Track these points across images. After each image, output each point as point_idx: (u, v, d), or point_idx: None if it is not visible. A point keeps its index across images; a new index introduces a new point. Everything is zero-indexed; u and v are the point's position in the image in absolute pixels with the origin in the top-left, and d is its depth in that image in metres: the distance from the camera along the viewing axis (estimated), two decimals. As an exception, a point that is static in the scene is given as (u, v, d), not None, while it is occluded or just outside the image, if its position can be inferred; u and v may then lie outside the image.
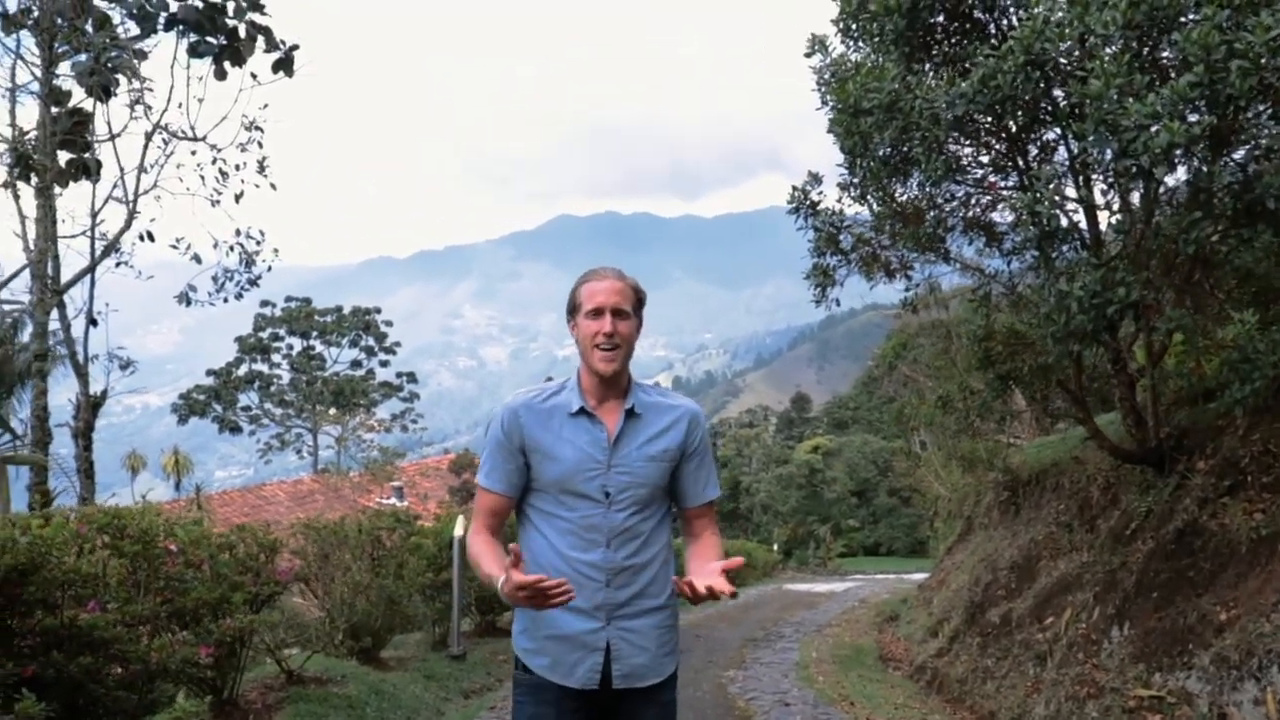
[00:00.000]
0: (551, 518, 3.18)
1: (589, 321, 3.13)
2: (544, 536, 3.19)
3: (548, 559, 3.14)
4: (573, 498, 3.14)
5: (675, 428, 3.24)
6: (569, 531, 3.15)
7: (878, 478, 58.79)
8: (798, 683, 10.20)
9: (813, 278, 8.75)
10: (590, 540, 3.13)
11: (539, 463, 3.17)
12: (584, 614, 3.10)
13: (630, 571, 3.15)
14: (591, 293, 3.15)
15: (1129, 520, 8.02)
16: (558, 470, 3.14)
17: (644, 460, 3.17)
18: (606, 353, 3.11)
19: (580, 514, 3.14)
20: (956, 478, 18.15)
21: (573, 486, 3.13)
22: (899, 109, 6.62)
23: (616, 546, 3.13)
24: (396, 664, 9.73)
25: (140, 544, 4.93)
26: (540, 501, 3.22)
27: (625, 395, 3.21)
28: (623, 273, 3.22)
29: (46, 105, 9.78)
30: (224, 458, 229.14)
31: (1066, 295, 5.75)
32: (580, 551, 3.12)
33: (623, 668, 3.12)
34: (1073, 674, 7.31)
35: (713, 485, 3.37)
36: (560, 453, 3.14)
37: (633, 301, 3.18)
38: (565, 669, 3.12)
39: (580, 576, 3.09)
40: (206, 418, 48.84)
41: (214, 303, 11.31)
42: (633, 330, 3.17)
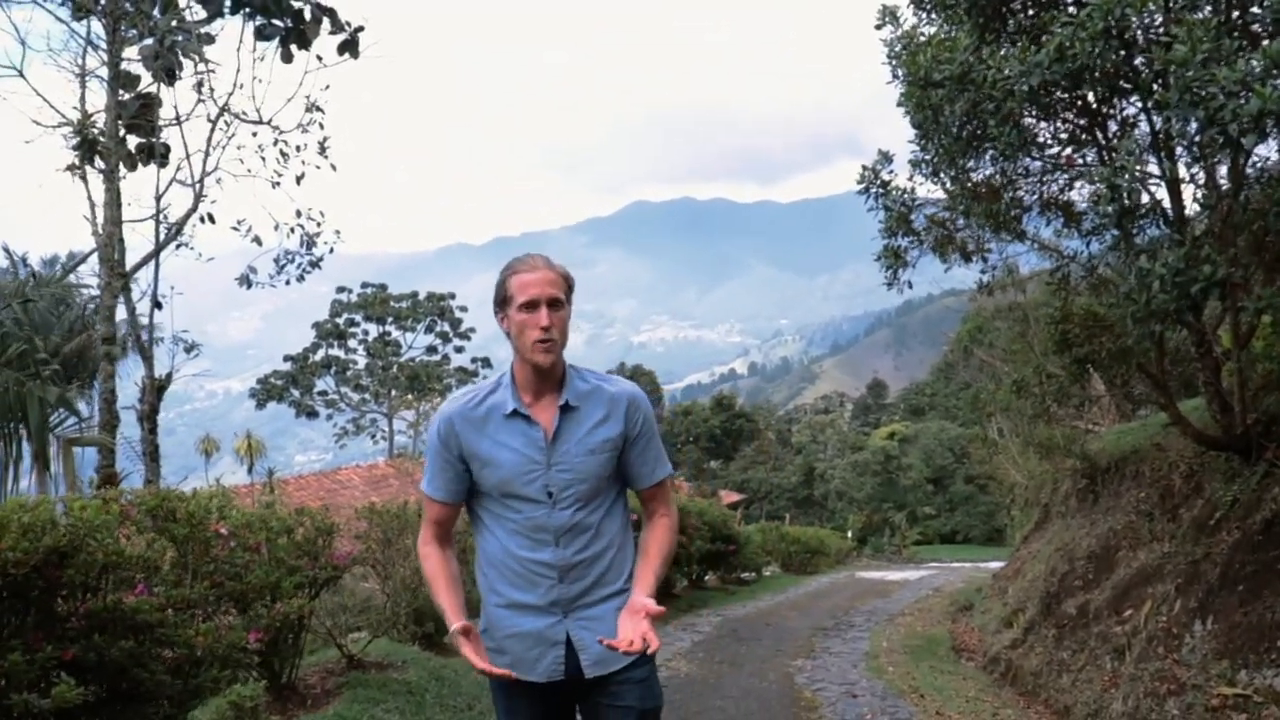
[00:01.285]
0: (500, 518, 3.18)
1: (523, 314, 3.08)
2: (495, 536, 3.19)
3: (499, 557, 3.17)
4: (516, 500, 3.13)
5: (614, 416, 3.20)
6: (517, 532, 3.14)
7: (954, 465, 58.11)
8: (867, 673, 9.99)
9: (884, 259, 8.51)
10: (538, 540, 3.12)
11: (479, 469, 3.15)
12: (539, 610, 3.12)
13: (583, 565, 3.15)
14: (523, 284, 3.09)
15: (1213, 510, 7.70)
16: (497, 475, 3.12)
17: (584, 454, 3.14)
18: (544, 345, 3.06)
19: (525, 515, 3.12)
20: (1033, 465, 17.75)
21: (514, 490, 3.12)
22: (971, 80, 6.36)
23: (565, 544, 3.12)
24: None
25: (189, 527, 4.88)
26: (487, 503, 3.21)
27: (560, 388, 3.17)
28: (550, 260, 3.19)
29: (114, 89, 9.85)
30: (304, 442, 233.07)
31: (1148, 273, 5.47)
32: (530, 551, 3.12)
33: (590, 656, 3.13)
34: (1152, 669, 7.03)
35: (662, 465, 3.35)
36: (498, 458, 3.11)
37: (564, 289, 3.14)
38: (527, 665, 3.14)
39: (532, 574, 3.12)
40: (284, 403, 49.56)
41: (275, 284, 11.33)
42: (567, 319, 3.15)
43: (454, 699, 7.72)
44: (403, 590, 9.05)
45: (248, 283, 11.19)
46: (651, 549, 3.28)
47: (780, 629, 13.46)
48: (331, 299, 51.36)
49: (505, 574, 3.14)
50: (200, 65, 10.04)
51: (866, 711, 8.16)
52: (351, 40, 10.51)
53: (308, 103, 10.59)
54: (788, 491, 62.21)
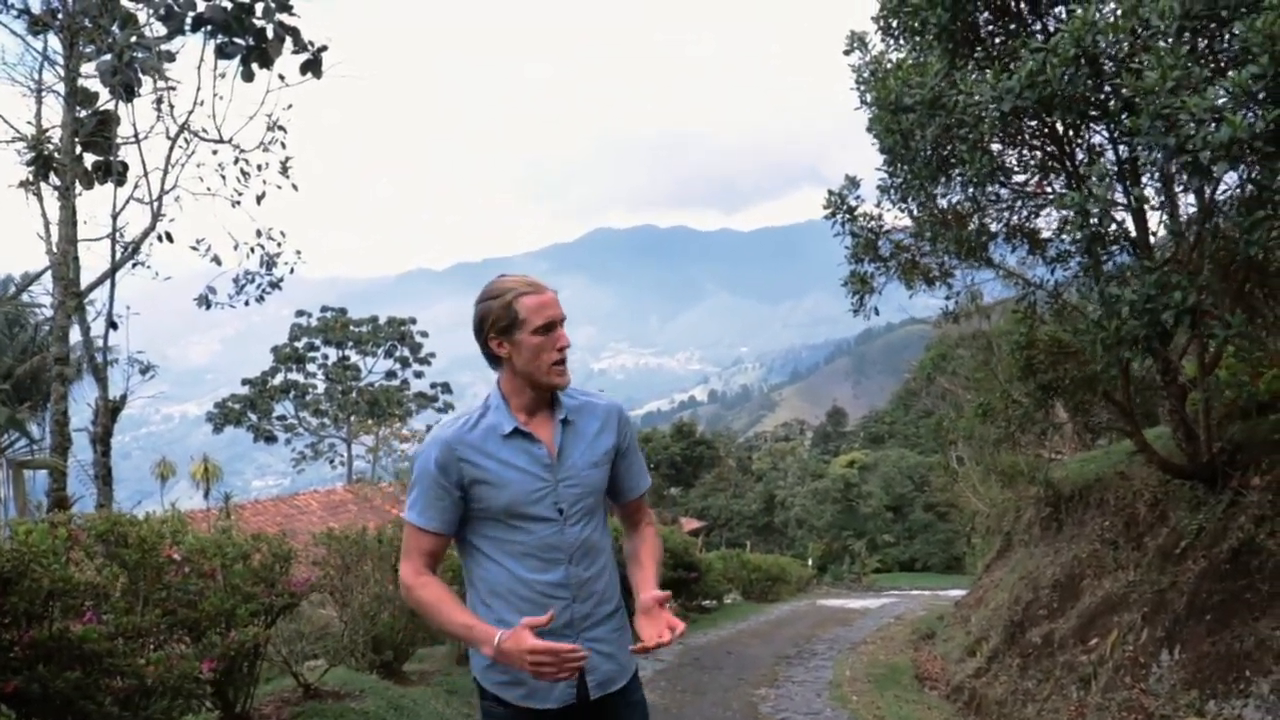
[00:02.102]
0: (504, 543, 3.06)
1: (539, 337, 3.03)
2: (497, 563, 3.07)
3: (506, 585, 3.05)
4: (525, 520, 3.03)
5: (608, 427, 3.19)
6: (526, 554, 3.04)
7: (914, 493, 58.29)
8: (831, 702, 9.89)
9: (850, 285, 8.48)
10: (550, 560, 3.04)
11: (483, 493, 3.03)
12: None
13: (590, 582, 3.10)
14: (539, 306, 3.04)
15: (1178, 538, 7.68)
16: (505, 497, 3.02)
17: (589, 467, 3.12)
18: (561, 367, 3.06)
19: (536, 535, 3.03)
20: (995, 493, 17.78)
21: (523, 510, 3.03)
22: (942, 105, 6.34)
23: (577, 561, 3.07)
24: (419, 678, 9.50)
25: (141, 552, 4.71)
26: (488, 529, 3.08)
27: (553, 405, 3.14)
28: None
29: (70, 105, 9.67)
30: (261, 467, 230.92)
31: (1118, 300, 5.46)
32: (541, 573, 3.03)
33: (596, 677, 3.08)
34: (1119, 699, 6.99)
35: (645, 476, 3.37)
36: (504, 478, 3.02)
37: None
38: (542, 693, 3.03)
39: (544, 598, 3.02)
40: (242, 427, 49.00)
41: (234, 305, 11.13)
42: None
43: (413, 730, 7.56)
44: (361, 618, 8.86)
45: (206, 303, 10.98)
46: (645, 556, 3.26)
47: (742, 657, 13.35)
48: (291, 323, 50.95)
49: (513, 602, 3.02)
50: (160, 82, 9.89)
51: (832, 742, 8.08)
52: (314, 60, 10.39)
53: (269, 121, 10.44)
54: (748, 519, 62.16)
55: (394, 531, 9.43)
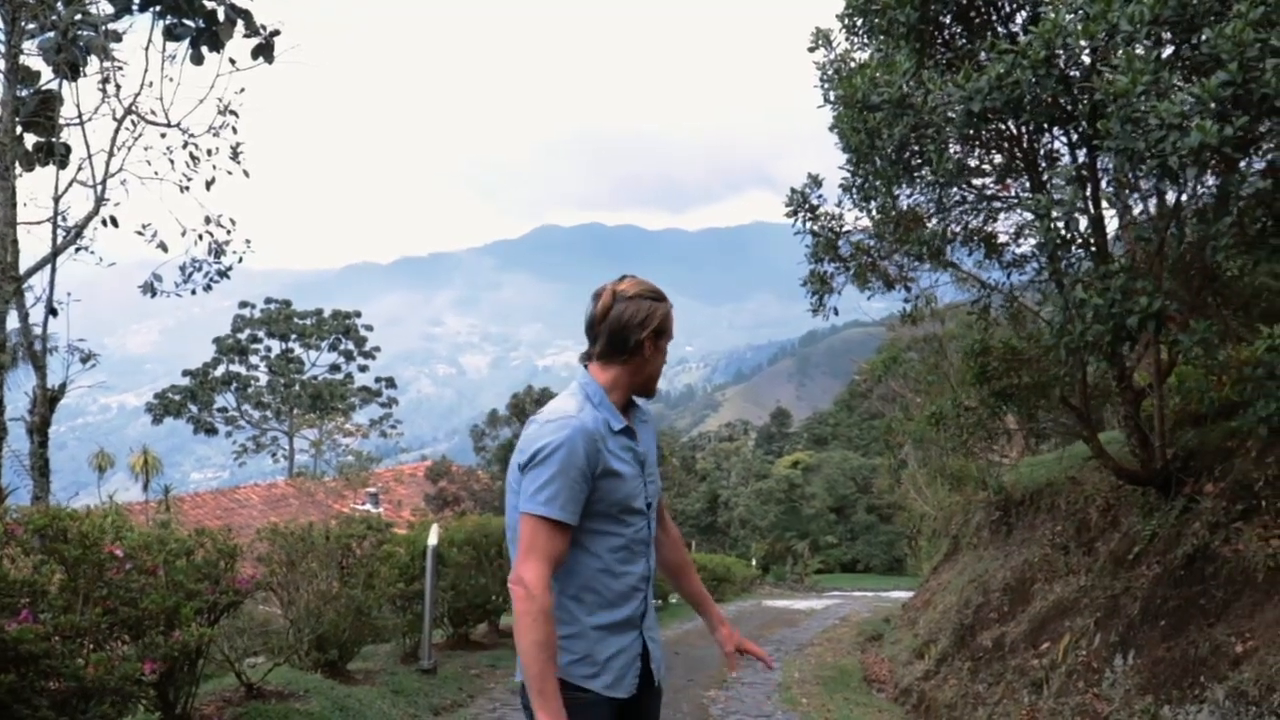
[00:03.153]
0: (605, 535, 3.11)
1: (663, 344, 3.23)
2: (595, 555, 3.10)
3: (598, 579, 3.11)
4: (630, 515, 3.14)
5: (653, 425, 3.38)
6: (622, 547, 3.13)
7: (856, 495, 58.60)
8: (781, 704, 9.83)
9: (810, 285, 8.40)
10: (639, 553, 3.16)
11: (608, 485, 3.08)
12: (631, 627, 3.15)
13: (653, 576, 3.26)
14: (670, 318, 3.24)
15: (1131, 544, 7.70)
16: (623, 490, 3.11)
17: (656, 465, 3.30)
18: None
19: (635, 529, 3.15)
20: (942, 496, 17.84)
21: (631, 504, 3.13)
22: (910, 105, 6.28)
23: (650, 554, 3.23)
24: (364, 677, 9.32)
25: (81, 548, 4.51)
26: (594, 523, 3.09)
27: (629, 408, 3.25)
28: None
29: (11, 83, 9.34)
30: (200, 459, 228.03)
31: (1084, 304, 5.42)
32: (631, 565, 3.14)
33: (657, 665, 3.24)
34: (1073, 703, 6.98)
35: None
36: (623, 473, 3.11)
37: None
38: (621, 683, 3.13)
39: (631, 590, 3.14)
40: (182, 418, 48.31)
41: (180, 294, 10.84)
42: None
43: (358, 731, 7.41)
44: (306, 616, 8.68)
45: (152, 291, 10.68)
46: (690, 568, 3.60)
47: (690, 657, 13.27)
48: (234, 314, 50.31)
49: (604, 593, 3.10)
50: (105, 62, 9.59)
51: (784, 745, 8.01)
52: (266, 45, 10.13)
53: (220, 105, 10.15)
54: (691, 518, 62.16)
55: (340, 529, 9.25)
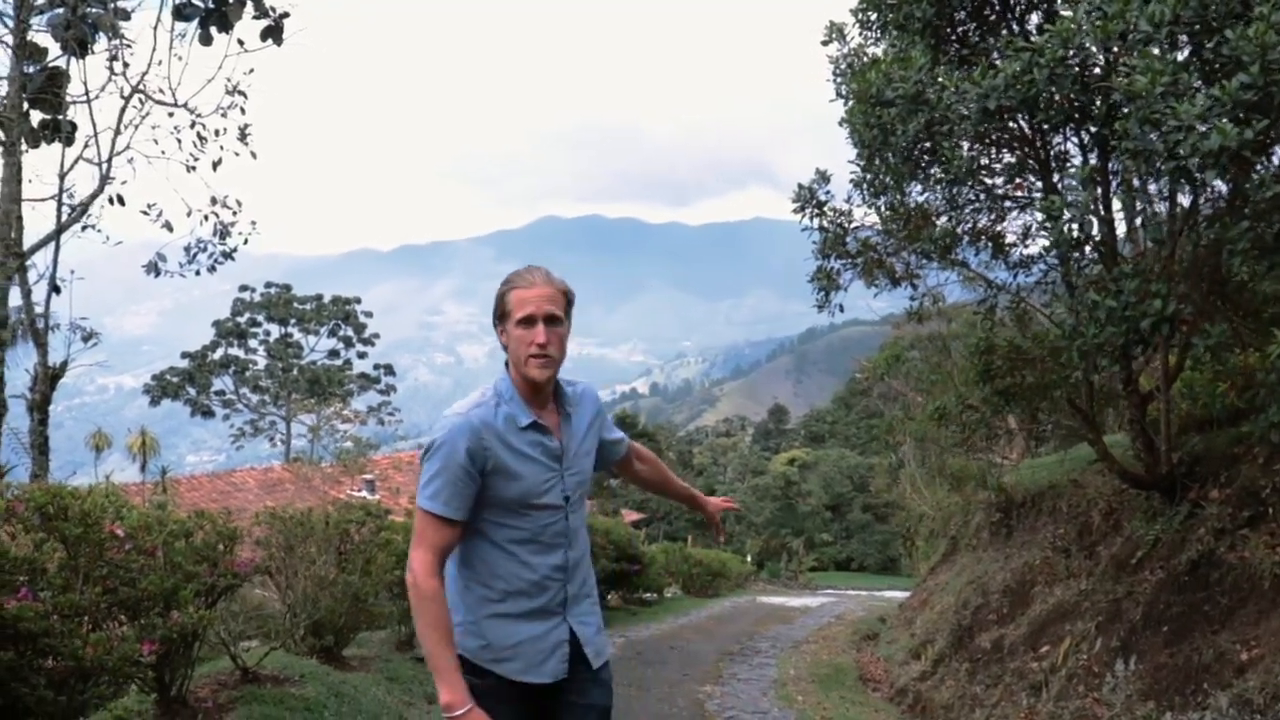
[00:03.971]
0: (508, 528, 3.14)
1: (520, 330, 3.10)
2: (501, 548, 3.14)
3: (508, 569, 3.14)
4: (534, 510, 3.13)
5: (595, 417, 3.40)
6: (529, 539, 3.14)
7: (852, 493, 58.66)
8: (778, 702, 9.79)
9: (816, 281, 8.35)
10: (553, 545, 3.17)
11: (499, 483, 3.09)
12: (548, 615, 3.18)
13: (579, 563, 3.28)
14: (521, 300, 3.10)
15: (1134, 548, 7.65)
16: (519, 488, 3.10)
17: (584, 456, 3.30)
18: (540, 360, 3.09)
19: (542, 523, 3.14)
20: (941, 496, 17.79)
21: (535, 500, 3.12)
22: (925, 101, 6.23)
23: (572, 545, 3.23)
24: (359, 664, 9.28)
25: (82, 526, 4.46)
26: (496, 516, 3.14)
27: (558, 398, 3.26)
28: (551, 275, 3.19)
29: (18, 59, 9.29)
30: (196, 442, 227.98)
31: (1096, 306, 5.37)
32: (543, 556, 3.15)
33: (593, 648, 3.27)
34: (1072, 708, 6.94)
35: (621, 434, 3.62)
36: (521, 470, 3.11)
37: (563, 305, 3.17)
38: (535, 668, 3.17)
39: (544, 580, 3.16)
40: (179, 400, 48.27)
41: (185, 274, 10.79)
42: (565, 334, 3.19)
43: (354, 717, 7.35)
44: (303, 601, 8.63)
45: (155, 270, 10.63)
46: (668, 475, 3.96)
47: (686, 652, 13.23)
48: (233, 297, 50.25)
49: (514, 584, 3.13)
50: (114, 40, 9.54)
51: (781, 743, 7.97)
52: (276, 26, 10.08)
53: (229, 85, 10.10)
54: (687, 513, 62.14)
55: (339, 514, 9.20)
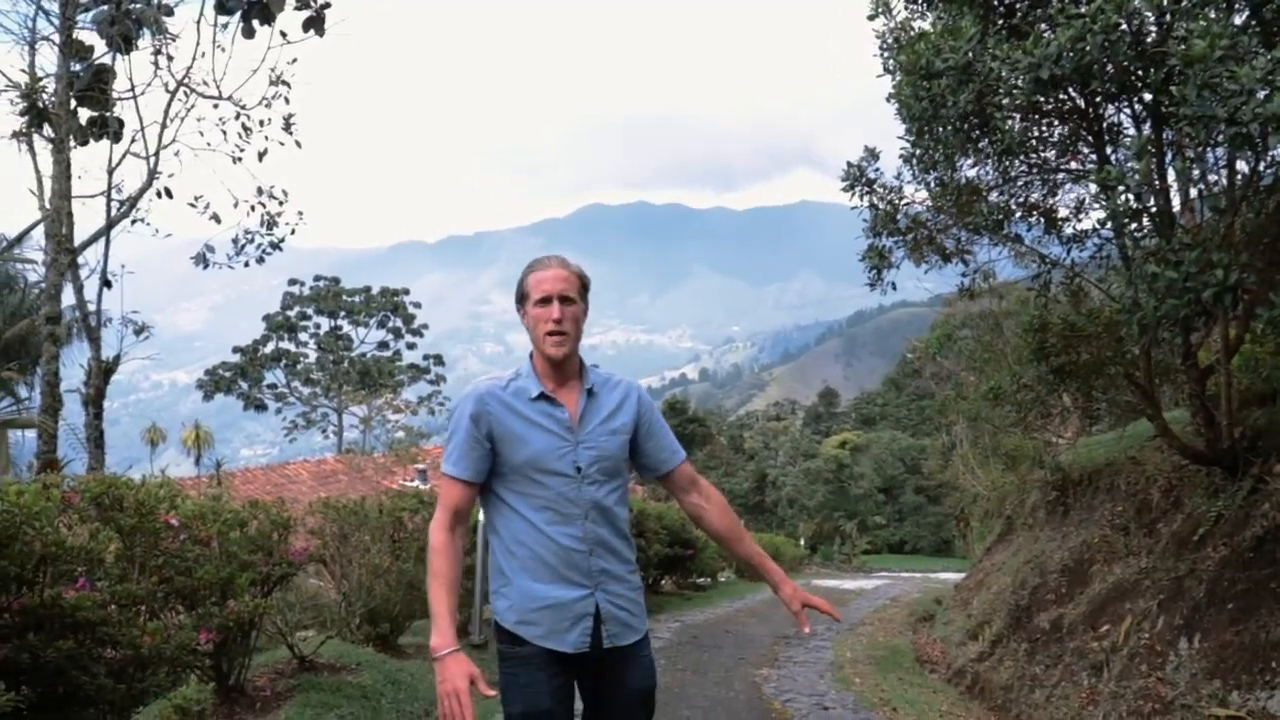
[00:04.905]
0: (526, 496, 3.32)
1: (538, 309, 3.34)
2: (520, 515, 3.32)
3: (529, 535, 3.30)
4: (545, 475, 3.30)
5: (627, 404, 3.51)
6: (545, 507, 3.30)
7: (905, 475, 58.27)
8: (835, 684, 9.72)
9: (868, 259, 8.24)
10: (568, 514, 3.30)
11: (508, 447, 3.32)
12: (574, 583, 3.29)
13: (608, 541, 3.36)
14: (538, 281, 3.37)
15: (1195, 525, 7.50)
16: (528, 452, 3.30)
17: (607, 434, 3.40)
18: (556, 338, 3.32)
19: (554, 490, 3.30)
20: (995, 476, 17.60)
21: (544, 465, 3.30)
22: (976, 72, 6.11)
23: (593, 519, 3.32)
24: (415, 651, 9.33)
25: (137, 517, 4.48)
26: (513, 483, 3.35)
27: (581, 376, 3.45)
28: (566, 260, 3.46)
29: (65, 56, 9.35)
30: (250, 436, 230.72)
31: (1155, 278, 5.25)
32: (562, 526, 3.29)
33: (611, 628, 3.33)
34: (1135, 687, 6.81)
35: (677, 447, 3.66)
36: (528, 435, 3.31)
37: (578, 288, 3.40)
38: (559, 635, 3.28)
39: (563, 549, 3.29)
40: (232, 395, 48.78)
41: (233, 266, 10.83)
42: (580, 315, 3.41)
43: (410, 704, 7.39)
44: (358, 590, 8.68)
45: (204, 262, 10.69)
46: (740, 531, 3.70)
47: (741, 636, 13.19)
48: (283, 291, 50.66)
49: (539, 551, 3.28)
50: (158, 36, 9.58)
51: (840, 725, 7.90)
52: (317, 17, 10.09)
53: (272, 76, 10.10)
54: (739, 497, 62.04)
55: (392, 503, 9.24)
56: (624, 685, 3.41)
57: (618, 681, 3.40)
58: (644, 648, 3.46)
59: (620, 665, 3.38)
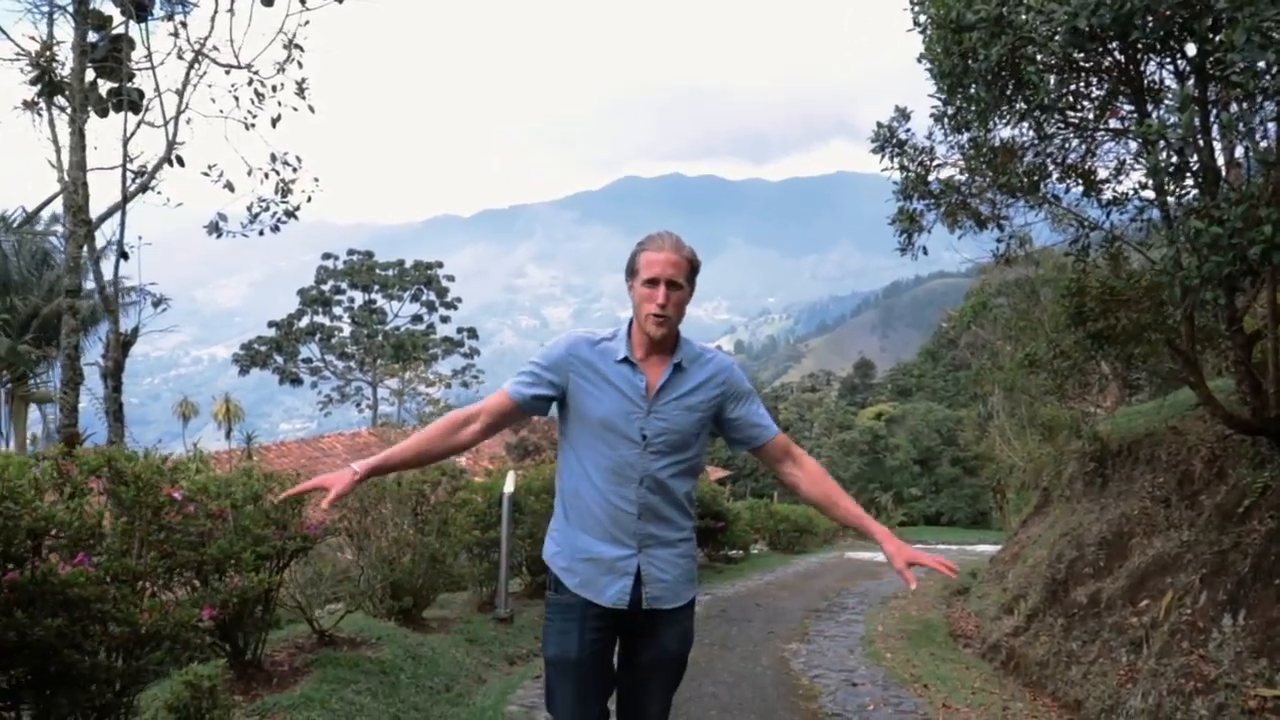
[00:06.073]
0: (590, 452, 3.44)
1: (645, 289, 3.41)
2: (583, 469, 3.46)
3: (586, 489, 3.45)
4: (613, 435, 3.40)
5: (713, 381, 3.55)
6: (605, 467, 3.41)
7: (941, 446, 57.85)
8: (865, 659, 9.54)
9: (898, 223, 7.99)
10: (625, 477, 3.40)
11: (581, 401, 3.44)
12: (618, 541, 3.41)
13: (659, 508, 3.44)
14: (649, 262, 3.41)
15: (1240, 497, 7.25)
16: (601, 409, 3.41)
17: (682, 410, 3.46)
18: (657, 319, 3.39)
19: (619, 452, 3.40)
20: (1031, 446, 17.32)
21: (613, 425, 3.40)
22: (1008, 24, 5.85)
23: (648, 486, 3.41)
24: (439, 625, 9.22)
25: (135, 490, 4.33)
26: (581, 436, 3.47)
27: (673, 350, 3.50)
28: (680, 242, 3.48)
29: (80, 24, 9.20)
30: (289, 410, 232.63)
31: (1199, 235, 4.99)
32: (615, 485, 3.40)
33: (652, 590, 3.43)
34: (1176, 665, 6.58)
35: (769, 422, 3.68)
36: (603, 393, 3.42)
37: (686, 272, 3.45)
38: (597, 588, 3.42)
39: (614, 509, 3.41)
40: (268, 369, 48.97)
41: (247, 234, 10.69)
42: (684, 299, 3.47)
43: (431, 679, 7.27)
44: (379, 562, 8.57)
45: (218, 231, 10.56)
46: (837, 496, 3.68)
47: (771, 610, 13.03)
48: (317, 265, 50.74)
49: (592, 505, 3.43)
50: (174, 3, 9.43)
51: (869, 702, 7.70)
52: (334, -18, 9.92)
53: (285, 39, 9.90)
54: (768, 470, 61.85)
55: (413, 475, 9.09)
56: (657, 647, 3.52)
57: (651, 643, 3.52)
58: (684, 616, 3.57)
59: (658, 627, 3.49)
